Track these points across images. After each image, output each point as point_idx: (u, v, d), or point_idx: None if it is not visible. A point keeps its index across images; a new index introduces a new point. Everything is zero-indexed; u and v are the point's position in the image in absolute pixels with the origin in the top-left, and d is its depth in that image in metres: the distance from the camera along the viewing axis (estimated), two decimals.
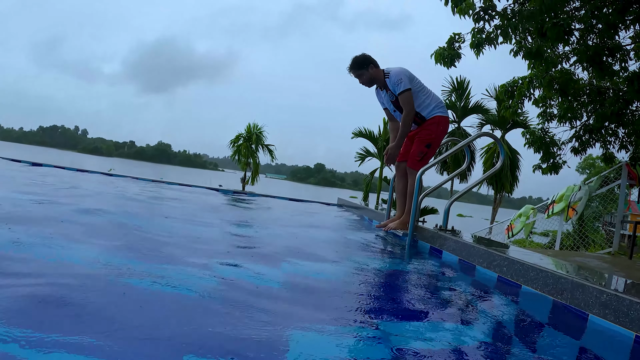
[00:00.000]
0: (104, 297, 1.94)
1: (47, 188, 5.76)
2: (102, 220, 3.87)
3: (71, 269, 2.27)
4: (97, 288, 2.03)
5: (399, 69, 4.95)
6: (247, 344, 1.64)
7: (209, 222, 4.81)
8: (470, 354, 1.81)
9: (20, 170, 8.22)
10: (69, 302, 1.79)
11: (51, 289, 1.91)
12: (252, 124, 27.32)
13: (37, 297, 1.78)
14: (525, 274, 2.94)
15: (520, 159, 23.78)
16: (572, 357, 2.11)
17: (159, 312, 1.87)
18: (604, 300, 2.32)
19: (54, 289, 1.91)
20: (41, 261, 2.35)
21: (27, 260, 2.31)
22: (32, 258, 2.37)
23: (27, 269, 2.18)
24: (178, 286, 2.21)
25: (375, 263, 3.63)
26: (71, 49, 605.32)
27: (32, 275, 2.08)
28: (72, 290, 1.93)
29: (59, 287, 1.94)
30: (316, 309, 2.18)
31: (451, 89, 24.10)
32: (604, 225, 13.31)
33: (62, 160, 15.10)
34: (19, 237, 2.70)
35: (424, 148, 4.96)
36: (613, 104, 9.35)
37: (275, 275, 2.74)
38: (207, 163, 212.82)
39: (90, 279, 2.15)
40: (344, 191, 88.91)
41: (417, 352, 1.76)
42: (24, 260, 2.32)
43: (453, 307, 2.54)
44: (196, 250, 3.16)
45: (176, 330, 1.69)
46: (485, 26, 7.78)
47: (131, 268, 2.43)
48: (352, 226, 6.09)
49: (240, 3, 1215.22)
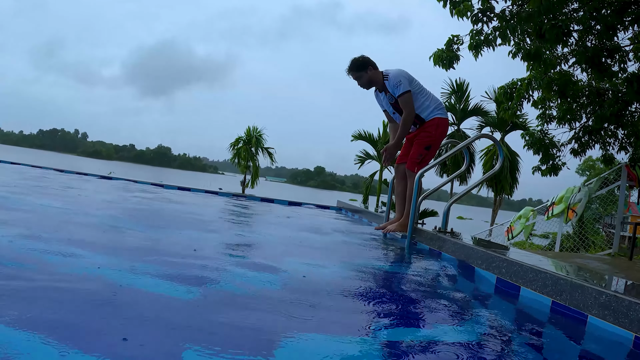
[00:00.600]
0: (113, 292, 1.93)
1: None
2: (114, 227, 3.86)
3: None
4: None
5: (398, 70, 4.93)
6: (241, 345, 1.63)
7: (209, 226, 4.80)
8: (471, 356, 1.80)
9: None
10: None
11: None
12: (251, 127, 27.36)
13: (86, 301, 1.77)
14: (524, 276, 2.93)
15: (519, 161, 23.83)
16: (572, 358, 2.10)
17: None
18: (603, 302, 2.31)
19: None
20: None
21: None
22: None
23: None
24: (180, 289, 2.20)
25: (374, 265, 3.62)
26: (70, 53, 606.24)
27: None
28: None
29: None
30: (315, 312, 2.17)
31: (450, 92, 24.13)
32: (604, 227, 13.30)
33: (62, 164, 15.09)
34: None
35: (423, 150, 4.94)
36: (612, 105, 9.36)
37: (273, 277, 2.73)
38: (207, 166, 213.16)
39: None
40: (344, 194, 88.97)
41: (418, 356, 1.75)
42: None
43: (452, 309, 2.53)
44: (196, 252, 3.15)
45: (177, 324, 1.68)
46: (483, 28, 7.78)
47: (136, 268, 2.42)
48: (352, 229, 6.08)
49: (239, 6, 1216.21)
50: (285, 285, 2.61)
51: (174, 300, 2.06)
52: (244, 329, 1.81)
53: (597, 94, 9.81)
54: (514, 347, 2.04)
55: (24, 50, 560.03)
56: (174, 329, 1.71)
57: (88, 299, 1.91)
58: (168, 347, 1.55)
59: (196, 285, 2.28)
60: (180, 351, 1.51)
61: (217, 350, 1.55)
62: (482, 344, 1.98)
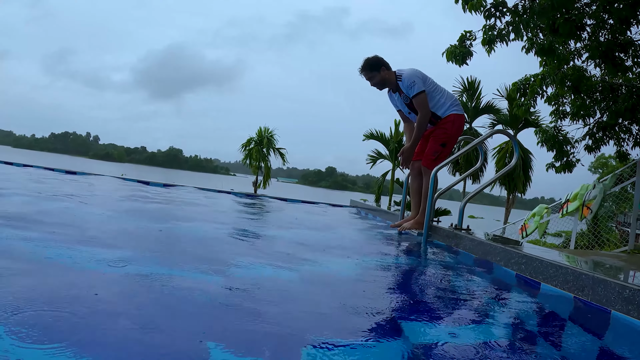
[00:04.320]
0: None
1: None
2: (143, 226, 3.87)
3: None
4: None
5: (411, 70, 4.88)
6: (264, 342, 1.62)
7: (222, 223, 4.80)
8: (494, 352, 1.78)
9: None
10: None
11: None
12: (263, 127, 27.39)
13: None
14: (545, 271, 2.90)
15: (532, 159, 23.68)
16: (596, 353, 2.07)
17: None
18: (627, 296, 2.28)
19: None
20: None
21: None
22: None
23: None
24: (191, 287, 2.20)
25: (392, 263, 3.60)
26: (82, 59, 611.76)
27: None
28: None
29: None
30: (334, 310, 2.15)
31: (462, 90, 24.03)
32: (617, 225, 13.16)
33: (74, 166, 15.11)
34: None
35: (438, 147, 4.90)
36: (626, 100, 9.26)
37: (291, 275, 2.72)
38: (218, 167, 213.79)
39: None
40: (356, 194, 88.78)
41: (440, 352, 1.73)
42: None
43: (474, 305, 2.51)
44: (213, 252, 3.15)
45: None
46: (496, 23, 7.72)
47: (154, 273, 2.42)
48: (366, 227, 6.05)
49: (248, 14, 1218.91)
50: (302, 282, 2.60)
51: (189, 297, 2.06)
52: (261, 327, 1.79)
53: (611, 89, 9.71)
54: (538, 342, 2.01)
55: (36, 57, 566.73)
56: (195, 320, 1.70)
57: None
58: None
59: (211, 285, 2.28)
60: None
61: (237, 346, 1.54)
62: (505, 341, 1.95)
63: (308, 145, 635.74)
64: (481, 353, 1.74)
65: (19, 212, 3.56)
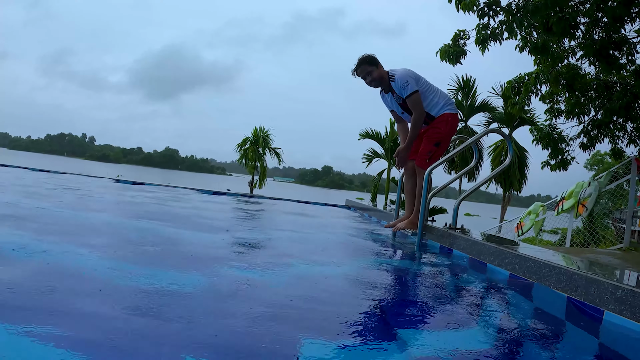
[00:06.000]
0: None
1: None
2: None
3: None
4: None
5: (404, 70, 4.84)
6: (255, 346, 1.61)
7: (218, 225, 4.78)
8: (487, 353, 1.77)
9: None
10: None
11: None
12: (258, 127, 27.37)
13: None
14: (538, 271, 2.89)
15: (528, 157, 23.68)
16: (589, 354, 2.06)
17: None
18: (620, 296, 2.27)
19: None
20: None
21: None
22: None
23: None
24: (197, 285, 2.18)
25: (385, 264, 3.59)
26: (79, 60, 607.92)
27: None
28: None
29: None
30: (326, 312, 2.14)
31: (457, 88, 24.02)
32: (613, 222, 13.18)
33: (71, 167, 15.06)
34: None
35: (432, 147, 4.87)
36: (621, 98, 9.28)
37: (283, 277, 2.71)
38: (214, 168, 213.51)
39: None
40: (352, 193, 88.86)
41: (433, 355, 1.72)
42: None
43: (467, 306, 2.50)
44: (207, 255, 3.13)
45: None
46: (489, 22, 7.72)
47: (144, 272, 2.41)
48: (361, 227, 6.05)
49: (245, 15, 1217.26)
50: (293, 285, 2.59)
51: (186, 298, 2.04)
52: (251, 331, 1.78)
53: (605, 87, 9.73)
54: (531, 343, 2.00)
55: (34, 58, 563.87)
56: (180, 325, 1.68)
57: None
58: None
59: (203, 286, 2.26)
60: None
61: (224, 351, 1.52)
62: (498, 342, 1.95)
63: (305, 144, 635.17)
64: (476, 353, 1.73)
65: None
